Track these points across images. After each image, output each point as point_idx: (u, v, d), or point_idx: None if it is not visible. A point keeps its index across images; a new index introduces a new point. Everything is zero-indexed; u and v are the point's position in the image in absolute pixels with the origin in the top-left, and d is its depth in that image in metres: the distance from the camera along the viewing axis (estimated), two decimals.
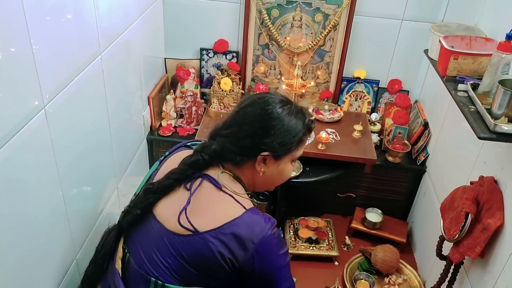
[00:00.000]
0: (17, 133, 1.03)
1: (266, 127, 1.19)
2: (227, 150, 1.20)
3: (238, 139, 1.20)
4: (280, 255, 1.17)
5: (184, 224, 1.12)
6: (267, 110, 1.19)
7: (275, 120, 1.19)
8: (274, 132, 1.19)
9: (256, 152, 1.20)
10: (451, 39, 1.58)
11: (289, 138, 1.21)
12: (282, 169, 1.27)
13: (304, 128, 1.25)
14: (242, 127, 1.20)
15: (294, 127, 1.21)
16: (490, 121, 1.23)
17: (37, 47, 1.08)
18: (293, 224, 2.30)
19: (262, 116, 1.19)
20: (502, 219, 1.39)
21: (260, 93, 1.25)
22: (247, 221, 1.13)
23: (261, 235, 1.12)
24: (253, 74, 2.44)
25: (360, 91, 2.44)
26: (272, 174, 1.26)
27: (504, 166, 1.44)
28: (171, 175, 1.20)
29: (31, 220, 1.14)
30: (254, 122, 1.20)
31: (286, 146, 1.21)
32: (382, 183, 2.32)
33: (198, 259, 1.12)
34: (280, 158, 1.23)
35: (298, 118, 1.23)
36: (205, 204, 1.17)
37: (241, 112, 1.22)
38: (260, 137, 1.19)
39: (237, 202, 1.17)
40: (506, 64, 1.32)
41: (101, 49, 1.50)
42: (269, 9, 2.25)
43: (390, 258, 2.04)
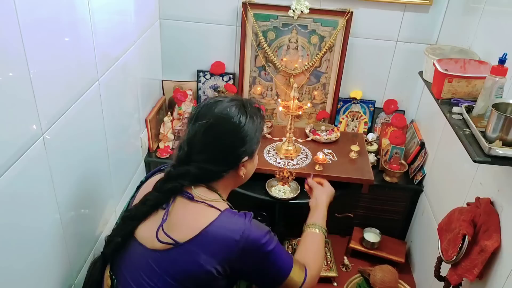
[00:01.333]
0: (16, 162, 1.04)
1: (242, 137, 1.23)
2: (210, 171, 1.23)
3: (218, 159, 1.23)
4: (266, 242, 1.19)
5: (163, 239, 1.14)
6: (235, 122, 1.22)
7: (246, 128, 1.24)
8: (249, 138, 1.24)
9: (238, 162, 1.26)
10: (445, 62, 1.60)
11: (258, 136, 1.30)
12: (256, 160, 1.37)
13: (262, 119, 1.33)
14: (219, 147, 1.23)
15: (259, 125, 1.29)
16: (484, 144, 1.24)
17: (34, 71, 1.09)
18: (291, 245, 2.30)
19: (235, 130, 1.23)
20: (499, 241, 1.39)
21: (212, 103, 1.26)
22: (224, 221, 1.17)
23: (242, 230, 1.15)
24: (250, 96, 2.45)
25: (357, 112, 2.46)
26: (249, 170, 1.35)
27: (500, 188, 1.45)
28: (146, 201, 1.22)
29: (29, 244, 1.14)
30: (230, 137, 1.23)
31: (258, 143, 1.31)
32: (380, 203, 2.32)
33: (185, 274, 1.13)
34: (254, 155, 1.32)
35: (257, 115, 1.29)
36: (181, 216, 1.18)
37: (211, 133, 1.22)
38: (239, 147, 1.24)
39: (211, 206, 1.20)
40: (500, 88, 1.34)
41: (99, 74, 1.51)
42: (265, 31, 2.27)
43: (389, 279, 2.03)
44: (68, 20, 1.27)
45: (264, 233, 1.20)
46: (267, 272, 1.23)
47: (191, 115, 1.28)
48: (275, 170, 2.03)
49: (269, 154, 2.18)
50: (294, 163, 2.13)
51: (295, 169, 2.08)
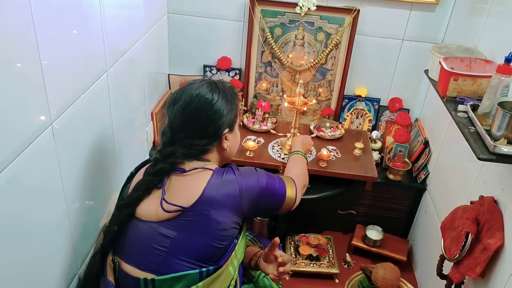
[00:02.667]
0: (25, 149, 1.05)
1: (217, 110, 1.29)
2: (195, 146, 1.29)
3: (201, 132, 1.29)
4: (260, 181, 1.32)
5: (169, 208, 1.23)
6: (208, 98, 1.29)
7: (220, 102, 1.30)
8: (225, 110, 1.31)
9: (220, 134, 1.32)
10: (451, 60, 1.61)
11: (234, 108, 1.36)
12: (238, 135, 1.44)
13: (234, 95, 1.38)
14: (199, 121, 1.29)
15: (232, 99, 1.35)
16: (489, 142, 1.25)
17: (45, 62, 1.10)
18: (294, 241, 2.31)
19: (209, 104, 1.29)
20: (502, 240, 1.39)
21: (185, 86, 1.35)
22: (219, 179, 1.27)
23: (237, 183, 1.27)
24: (256, 91, 2.46)
25: (361, 109, 2.47)
26: (233, 144, 1.40)
27: (504, 186, 1.46)
28: (138, 187, 1.29)
29: (35, 233, 1.15)
30: (206, 112, 1.28)
31: (233, 116, 1.36)
32: (383, 200, 2.33)
33: (201, 230, 1.23)
34: (234, 127, 1.39)
35: (229, 90, 1.36)
36: (179, 187, 1.26)
37: (188, 111, 1.29)
38: (217, 120, 1.30)
39: (204, 168, 1.29)
40: (505, 86, 1.35)
41: (108, 67, 1.53)
42: (272, 27, 2.28)
43: (390, 277, 2.04)
44: (79, 13, 1.29)
45: (255, 174, 1.33)
46: (270, 201, 1.37)
47: (169, 100, 1.34)
48: (279, 166, 2.04)
49: (274, 150, 2.19)
50: None
51: None
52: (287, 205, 1.41)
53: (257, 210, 1.35)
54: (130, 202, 1.29)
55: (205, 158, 1.33)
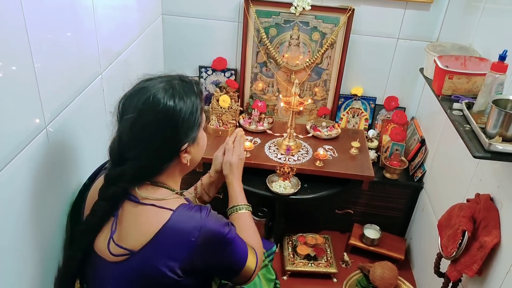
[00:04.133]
0: (19, 153, 1.05)
1: (173, 124, 1.10)
2: (147, 168, 1.13)
3: (152, 152, 1.11)
4: (226, 234, 1.13)
5: (116, 252, 1.09)
6: (163, 110, 1.08)
7: (177, 113, 1.10)
8: (183, 123, 1.11)
9: (177, 151, 1.14)
10: (446, 58, 1.61)
11: (194, 117, 1.14)
12: (202, 143, 1.24)
13: (197, 96, 1.16)
14: (149, 140, 1.10)
15: (192, 105, 1.13)
16: (484, 140, 1.25)
17: (39, 65, 1.10)
18: (292, 241, 2.31)
19: (163, 118, 1.09)
20: (499, 237, 1.40)
21: (135, 92, 1.13)
22: (179, 220, 1.09)
23: (199, 226, 1.08)
24: (252, 92, 2.46)
25: (357, 108, 2.47)
26: (196, 153, 1.22)
27: (500, 184, 1.46)
28: (95, 212, 1.15)
29: (26, 240, 1.15)
30: (159, 129, 1.10)
31: (195, 125, 1.16)
32: (380, 199, 2.33)
33: (149, 281, 1.08)
34: (196, 137, 1.18)
35: (188, 94, 1.13)
36: (131, 223, 1.11)
37: (137, 127, 1.09)
38: (174, 136, 1.12)
39: (161, 208, 1.10)
40: (500, 84, 1.35)
41: (102, 69, 1.52)
42: (267, 28, 2.28)
43: (388, 275, 2.04)
44: (72, 15, 1.28)
45: (223, 225, 1.13)
46: (229, 263, 1.17)
47: (116, 109, 1.16)
48: (275, 166, 2.04)
49: (270, 150, 2.19)
50: (295, 158, 2.14)
51: (295, 164, 2.09)
52: (243, 276, 1.22)
53: (212, 266, 1.14)
54: (90, 229, 1.15)
55: (159, 182, 1.16)
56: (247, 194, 2.05)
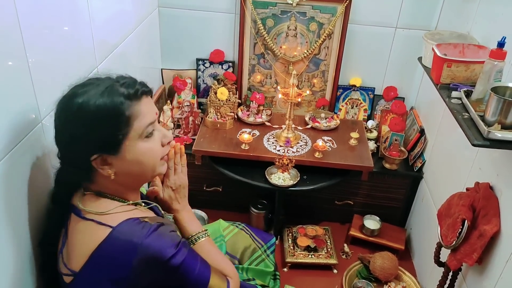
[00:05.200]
0: (14, 147, 1.04)
1: (76, 134, 0.99)
2: (69, 174, 1.06)
3: (69, 156, 1.04)
4: (171, 256, 1.01)
5: (64, 271, 1.04)
6: (71, 112, 0.99)
7: (79, 120, 0.98)
8: (86, 132, 0.99)
9: (86, 162, 1.01)
10: (444, 47, 1.59)
11: (107, 127, 0.99)
12: (134, 154, 1.03)
13: (118, 101, 0.99)
14: (60, 146, 1.04)
15: (103, 111, 0.98)
16: (483, 128, 1.24)
17: (33, 60, 1.09)
18: (292, 233, 2.30)
19: (66, 119, 1.00)
20: (498, 225, 1.39)
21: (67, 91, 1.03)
22: (117, 238, 0.99)
23: (138, 244, 0.98)
24: (249, 84, 2.45)
25: (356, 99, 2.46)
26: (127, 167, 1.04)
27: (499, 172, 1.45)
28: (50, 221, 1.12)
29: (25, 230, 1.14)
30: (66, 132, 1.01)
31: (112, 136, 1.00)
32: (380, 190, 2.33)
33: None
34: (118, 151, 1.02)
35: (105, 97, 0.99)
36: (74, 240, 1.03)
37: (55, 127, 1.04)
38: (78, 145, 1.00)
39: (99, 224, 1.01)
40: (498, 71, 1.34)
41: (97, 62, 1.51)
42: (264, 19, 2.26)
43: (388, 266, 2.04)
44: (66, 8, 1.27)
45: (168, 247, 1.01)
46: (182, 286, 1.07)
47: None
48: (274, 158, 2.03)
49: (269, 142, 2.18)
50: (294, 150, 2.13)
51: (294, 156, 2.08)
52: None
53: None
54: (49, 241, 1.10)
55: (104, 191, 1.07)
56: (246, 186, 2.08)
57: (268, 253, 1.64)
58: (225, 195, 2.41)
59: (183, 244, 1.07)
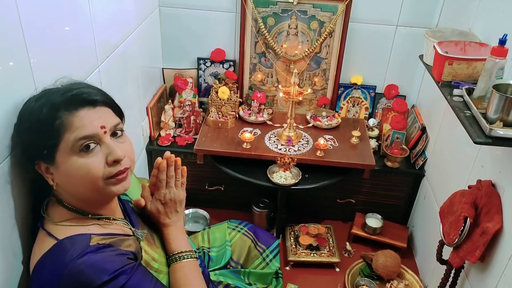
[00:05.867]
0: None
1: (17, 136, 1.00)
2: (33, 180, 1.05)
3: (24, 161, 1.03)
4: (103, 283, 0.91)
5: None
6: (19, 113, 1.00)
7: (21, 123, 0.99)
8: (26, 136, 0.98)
9: (31, 164, 0.99)
10: (446, 44, 1.59)
11: (37, 132, 0.95)
12: (67, 169, 0.95)
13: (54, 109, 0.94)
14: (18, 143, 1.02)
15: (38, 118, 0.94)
16: (485, 125, 1.24)
17: (34, 60, 1.09)
18: (294, 231, 2.31)
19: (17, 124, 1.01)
20: (501, 223, 1.39)
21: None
22: (55, 252, 0.93)
23: (66, 266, 0.90)
24: (251, 82, 2.45)
25: (357, 97, 2.46)
26: (62, 179, 0.99)
27: (502, 169, 1.45)
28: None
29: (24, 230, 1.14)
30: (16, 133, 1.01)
31: (45, 143, 0.94)
32: (382, 188, 2.33)
33: None
34: (53, 161, 0.96)
35: (44, 104, 0.95)
36: (33, 247, 1.01)
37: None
38: (22, 147, 1.01)
39: (49, 235, 0.97)
40: (500, 69, 1.34)
41: (99, 62, 1.51)
42: (265, 17, 2.26)
43: (391, 263, 2.04)
44: (67, 8, 1.27)
45: (103, 271, 0.92)
46: None
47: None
48: (276, 156, 2.03)
49: (270, 141, 2.19)
50: (295, 149, 2.13)
51: (296, 155, 2.08)
52: None
53: None
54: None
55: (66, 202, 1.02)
56: (248, 185, 2.08)
57: (271, 257, 1.63)
58: (227, 194, 2.41)
59: (127, 270, 0.96)
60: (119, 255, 0.98)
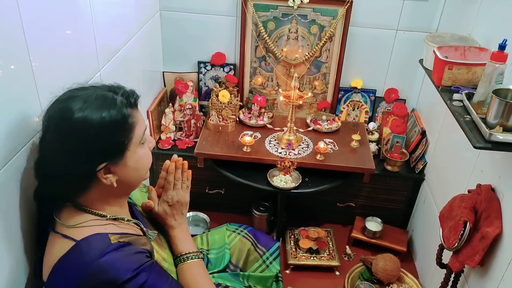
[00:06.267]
0: (19, 151, 1.05)
1: (80, 145, 0.96)
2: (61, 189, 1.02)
3: (62, 173, 0.99)
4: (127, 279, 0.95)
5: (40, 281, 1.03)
6: (70, 124, 0.96)
7: (85, 129, 0.96)
8: (92, 143, 0.97)
9: (91, 172, 0.99)
10: (445, 49, 1.60)
11: (112, 136, 0.99)
12: (135, 162, 1.04)
13: (121, 111, 1.00)
14: (56, 159, 0.98)
15: (108, 121, 0.97)
16: (485, 130, 1.24)
17: (36, 64, 1.10)
18: (294, 235, 2.31)
19: (70, 135, 0.96)
20: (500, 228, 1.39)
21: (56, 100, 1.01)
22: (75, 253, 0.96)
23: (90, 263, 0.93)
24: (251, 86, 2.46)
25: (358, 101, 2.46)
26: (126, 174, 1.04)
27: (501, 174, 1.46)
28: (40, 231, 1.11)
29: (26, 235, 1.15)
30: (64, 147, 0.97)
31: (116, 145, 1.00)
32: (381, 192, 2.33)
33: None
34: (122, 158, 1.02)
35: (105, 107, 0.98)
36: (45, 252, 1.03)
37: (44, 144, 1.01)
38: (82, 156, 0.97)
39: (65, 237, 0.99)
40: (500, 74, 1.34)
41: (100, 65, 1.52)
42: (265, 21, 2.27)
43: (391, 267, 2.04)
44: (68, 12, 1.28)
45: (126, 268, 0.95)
46: None
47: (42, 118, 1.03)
48: (276, 160, 2.04)
49: (271, 144, 2.19)
50: (296, 152, 2.14)
51: (296, 158, 2.08)
52: None
53: None
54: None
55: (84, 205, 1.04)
56: (248, 188, 2.08)
57: (271, 260, 1.63)
58: (227, 198, 2.41)
59: (147, 267, 1.00)
60: (138, 253, 1.01)
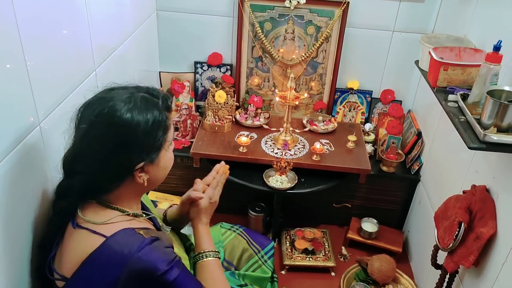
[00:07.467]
0: (13, 150, 1.04)
1: (126, 143, 1.01)
2: (93, 185, 1.05)
3: (100, 168, 1.03)
4: (165, 271, 1.00)
5: (56, 276, 1.04)
6: (115, 124, 1.00)
7: (131, 130, 1.01)
8: (137, 142, 1.02)
9: (129, 170, 1.04)
10: (441, 50, 1.60)
11: (155, 135, 1.05)
12: (165, 162, 1.12)
13: (162, 113, 1.06)
14: (98, 154, 1.02)
15: (153, 121, 1.03)
16: (479, 131, 1.25)
17: (31, 63, 1.09)
18: (290, 235, 2.31)
19: (114, 135, 1.01)
20: (495, 228, 1.40)
21: (93, 101, 1.05)
22: (109, 248, 0.99)
23: (128, 257, 0.97)
24: (247, 87, 2.46)
25: (354, 102, 2.47)
26: (156, 174, 1.11)
27: (496, 175, 1.46)
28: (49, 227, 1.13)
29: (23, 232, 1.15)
30: (109, 144, 1.01)
31: (155, 145, 1.06)
32: (377, 192, 2.33)
33: None
34: (157, 158, 1.08)
35: (151, 109, 1.04)
36: (67, 247, 1.04)
37: (88, 139, 1.02)
38: (126, 154, 1.02)
39: (93, 232, 1.02)
40: (494, 75, 1.35)
41: (96, 65, 1.52)
42: (262, 22, 2.27)
43: (386, 268, 2.05)
44: (64, 12, 1.28)
45: (162, 261, 1.00)
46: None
47: (74, 116, 1.06)
48: (272, 160, 2.04)
49: (267, 145, 2.19)
50: (292, 153, 2.14)
51: (292, 159, 2.09)
52: None
53: None
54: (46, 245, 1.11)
55: (108, 201, 1.08)
56: (244, 189, 2.08)
57: (265, 259, 1.63)
58: (223, 198, 2.35)
59: (177, 262, 1.05)
60: (167, 247, 1.07)
